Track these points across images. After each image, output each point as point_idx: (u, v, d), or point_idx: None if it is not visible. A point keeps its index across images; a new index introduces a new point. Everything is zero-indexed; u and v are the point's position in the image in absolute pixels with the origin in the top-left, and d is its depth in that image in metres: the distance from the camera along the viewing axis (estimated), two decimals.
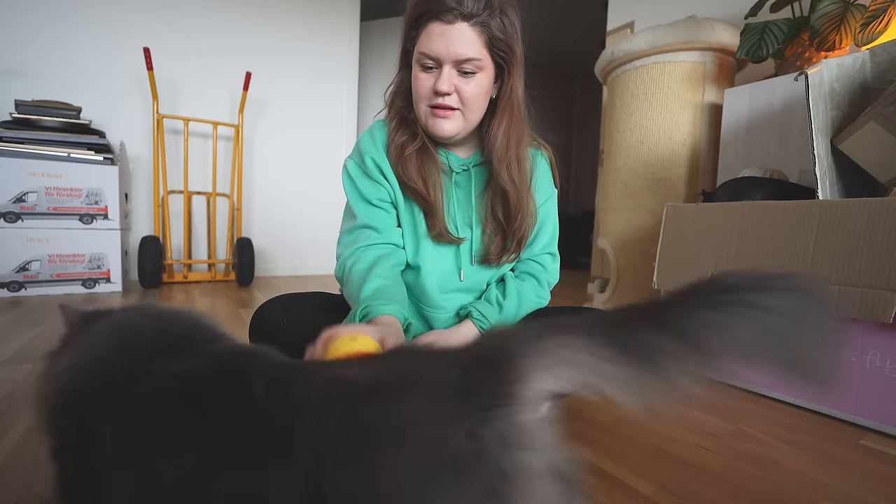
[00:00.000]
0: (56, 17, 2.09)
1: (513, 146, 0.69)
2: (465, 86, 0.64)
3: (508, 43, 0.64)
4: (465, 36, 0.61)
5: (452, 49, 0.61)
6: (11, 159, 1.74)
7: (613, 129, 1.64)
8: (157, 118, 2.15)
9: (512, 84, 0.67)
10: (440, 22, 0.61)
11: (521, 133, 0.70)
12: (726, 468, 0.65)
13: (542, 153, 0.79)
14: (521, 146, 0.70)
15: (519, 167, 0.70)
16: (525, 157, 0.71)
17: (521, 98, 0.69)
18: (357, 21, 2.92)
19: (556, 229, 0.82)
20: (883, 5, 1.02)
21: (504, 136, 0.68)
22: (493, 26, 0.62)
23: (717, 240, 1.04)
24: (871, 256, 0.79)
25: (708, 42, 1.43)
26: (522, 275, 0.80)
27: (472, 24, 0.61)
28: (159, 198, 2.22)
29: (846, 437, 0.78)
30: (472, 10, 0.60)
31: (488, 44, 0.63)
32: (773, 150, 1.30)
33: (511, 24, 0.64)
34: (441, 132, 0.68)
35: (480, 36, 0.62)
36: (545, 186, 0.78)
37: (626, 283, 1.59)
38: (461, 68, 0.63)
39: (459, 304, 0.77)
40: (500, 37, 0.63)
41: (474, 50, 0.62)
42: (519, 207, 0.71)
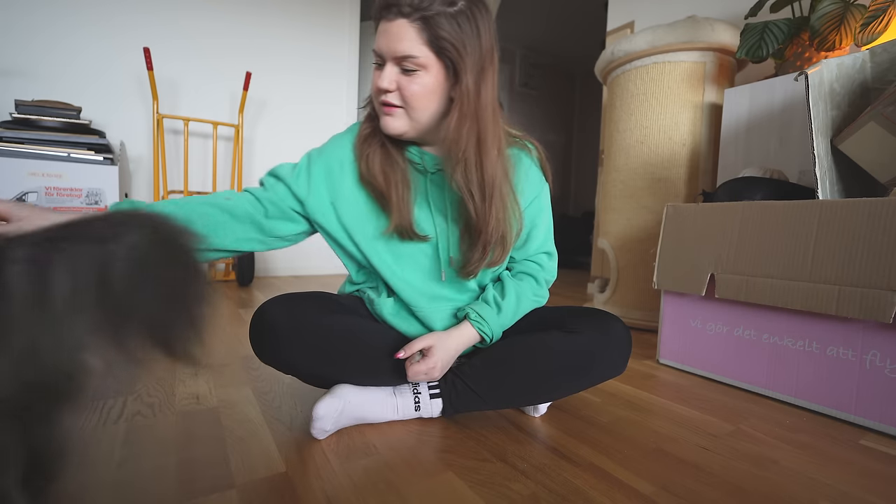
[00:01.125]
0: (56, 18, 2.09)
1: (468, 148, 0.65)
2: (407, 84, 0.63)
3: (457, 42, 0.61)
4: (403, 33, 0.61)
5: (391, 46, 0.62)
6: (11, 159, 1.74)
7: (613, 129, 1.64)
8: (157, 118, 2.15)
9: (465, 84, 0.63)
10: (384, 20, 0.62)
11: (483, 135, 0.66)
12: (726, 468, 0.65)
13: (527, 152, 0.77)
14: (484, 148, 0.66)
15: (479, 170, 0.66)
16: (491, 159, 0.67)
17: (485, 99, 0.65)
18: (357, 21, 2.92)
19: (549, 227, 0.81)
20: (883, 5, 1.02)
21: (455, 137, 0.65)
22: (439, 24, 0.60)
23: (717, 240, 1.04)
24: (871, 256, 0.79)
25: (708, 42, 1.43)
26: (519, 274, 0.80)
27: (411, 20, 0.60)
28: (159, 198, 2.21)
29: (846, 437, 0.78)
30: (411, 6, 0.59)
31: (431, 42, 0.61)
32: (773, 150, 1.30)
33: (469, 23, 0.62)
34: (387, 129, 0.68)
35: (421, 33, 0.61)
36: (531, 186, 0.77)
37: (626, 283, 1.59)
38: (402, 66, 0.63)
39: (451, 306, 0.77)
40: (444, 35, 0.60)
41: (413, 48, 0.61)
42: (479, 213, 0.68)
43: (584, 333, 0.72)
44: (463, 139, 0.65)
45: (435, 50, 0.62)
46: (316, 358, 0.69)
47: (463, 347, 0.74)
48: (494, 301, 0.75)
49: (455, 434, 0.73)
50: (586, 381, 0.74)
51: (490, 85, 0.66)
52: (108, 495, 0.54)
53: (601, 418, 0.81)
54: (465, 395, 0.74)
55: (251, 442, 0.68)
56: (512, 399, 0.75)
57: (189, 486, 0.56)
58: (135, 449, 0.65)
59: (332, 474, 0.60)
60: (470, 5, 0.62)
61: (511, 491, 0.58)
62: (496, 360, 0.73)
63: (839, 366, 0.85)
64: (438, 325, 0.76)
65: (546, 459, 0.66)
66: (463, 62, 0.62)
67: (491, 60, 0.65)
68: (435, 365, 0.70)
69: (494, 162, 0.67)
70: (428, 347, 0.71)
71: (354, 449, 0.67)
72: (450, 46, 0.61)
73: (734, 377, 1.02)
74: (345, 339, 0.70)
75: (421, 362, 0.70)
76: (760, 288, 0.95)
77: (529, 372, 0.72)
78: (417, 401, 0.75)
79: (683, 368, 1.13)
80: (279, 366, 0.70)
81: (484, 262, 0.72)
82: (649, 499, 0.57)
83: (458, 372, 0.75)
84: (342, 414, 0.70)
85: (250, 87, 2.51)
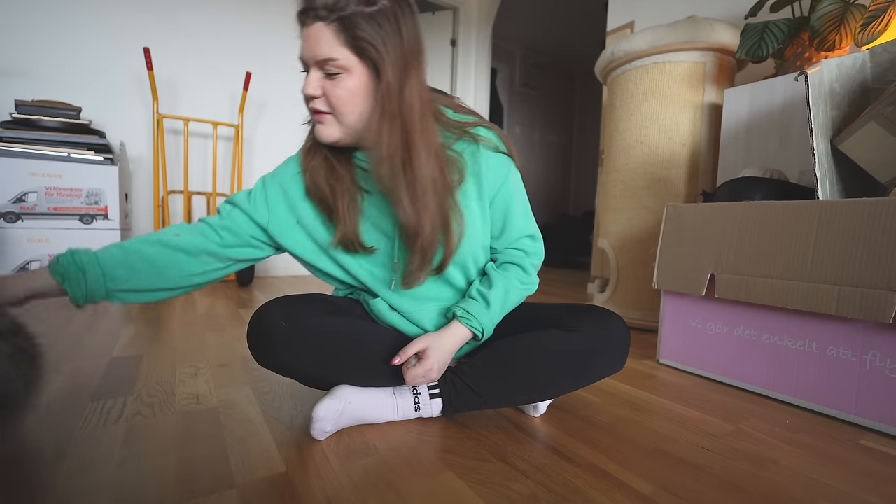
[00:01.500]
0: (56, 17, 2.09)
1: (393, 149, 0.63)
2: (332, 89, 0.62)
3: (376, 42, 0.59)
4: (320, 36, 0.60)
5: (311, 50, 0.61)
6: (11, 159, 1.74)
7: (613, 129, 1.65)
8: (157, 118, 2.15)
9: (387, 84, 0.61)
10: (303, 26, 0.61)
11: (410, 136, 0.63)
12: (726, 468, 0.65)
13: (482, 141, 0.72)
14: (412, 149, 0.63)
15: (406, 171, 0.64)
16: (420, 160, 0.64)
17: (410, 98, 0.62)
18: None
19: (526, 209, 0.78)
20: (883, 5, 1.02)
21: (377, 139, 0.63)
22: (357, 24, 0.58)
23: (717, 240, 1.04)
24: (871, 256, 0.79)
25: (708, 42, 1.43)
26: (504, 265, 0.79)
27: (328, 23, 0.59)
28: (159, 198, 2.21)
29: (846, 437, 0.78)
30: (325, 6, 0.58)
31: (350, 43, 0.59)
32: (773, 150, 1.30)
33: (389, 21, 0.60)
34: (321, 137, 0.67)
35: (339, 35, 0.59)
36: (494, 173, 0.72)
37: (626, 283, 1.59)
38: (325, 70, 0.61)
39: (437, 306, 0.77)
40: (363, 35, 0.59)
41: (332, 50, 0.60)
42: (409, 218, 0.65)
43: (583, 331, 0.71)
44: (386, 140, 0.62)
45: (355, 51, 0.60)
46: (314, 361, 0.68)
47: (457, 346, 0.73)
48: (480, 295, 0.74)
49: (455, 434, 0.73)
50: (586, 379, 0.74)
51: (415, 83, 0.63)
52: (108, 495, 0.54)
53: (601, 418, 0.81)
54: (465, 395, 0.74)
55: (251, 442, 0.68)
56: (512, 398, 0.75)
57: (189, 486, 0.56)
58: (135, 449, 0.65)
59: (332, 474, 0.60)
60: (391, 4, 0.60)
61: (511, 491, 0.58)
62: (496, 359, 0.73)
63: (839, 366, 0.85)
64: (429, 326, 0.76)
65: (546, 459, 0.66)
66: (384, 61, 0.60)
67: (415, 58, 0.63)
68: (431, 367, 0.70)
69: (424, 162, 0.64)
70: (423, 350, 0.70)
71: (354, 449, 0.67)
72: (369, 46, 0.59)
73: (734, 377, 1.02)
74: (343, 341, 0.69)
75: (417, 366, 0.69)
76: (760, 288, 0.95)
77: (529, 370, 0.72)
78: (417, 401, 0.75)
79: (683, 368, 1.13)
80: (278, 370, 0.69)
81: (426, 269, 0.70)
82: (649, 499, 0.57)
83: (457, 371, 0.75)
84: (342, 415, 0.70)
85: (250, 86, 2.51)
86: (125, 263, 0.64)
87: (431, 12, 3.37)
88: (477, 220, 0.73)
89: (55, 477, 0.57)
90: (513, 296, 0.76)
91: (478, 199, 0.73)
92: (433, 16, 3.37)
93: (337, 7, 0.58)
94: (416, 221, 0.65)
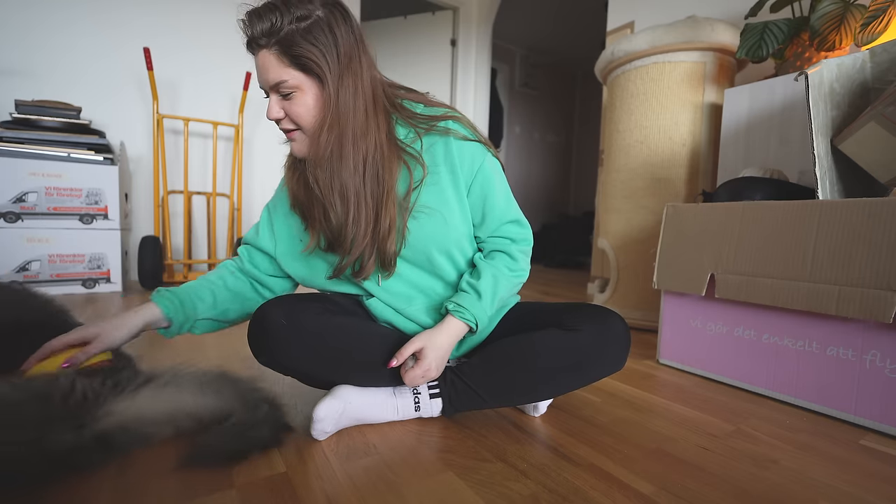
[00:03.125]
0: (56, 17, 2.09)
1: (330, 154, 0.65)
2: (291, 107, 0.66)
3: (314, 55, 0.62)
4: (266, 62, 0.63)
5: (264, 77, 0.65)
6: (11, 159, 1.74)
7: (613, 129, 1.65)
8: (157, 118, 2.15)
9: (328, 92, 0.64)
10: (254, 56, 0.65)
11: (343, 140, 0.65)
12: (726, 468, 0.65)
13: (450, 136, 0.71)
14: (343, 153, 0.65)
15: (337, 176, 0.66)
16: (349, 166, 0.66)
17: (345, 104, 0.65)
18: (357, 21, 2.92)
19: (506, 194, 0.76)
20: (883, 5, 1.02)
21: (315, 145, 0.66)
22: (294, 43, 0.61)
23: (717, 240, 1.04)
24: (871, 256, 0.79)
25: (708, 42, 1.43)
26: (491, 253, 0.78)
27: (269, 49, 0.62)
28: (159, 198, 2.21)
29: (846, 437, 0.78)
30: (262, 34, 0.62)
31: (293, 62, 0.63)
32: (773, 150, 1.30)
33: (324, 32, 0.63)
34: (295, 154, 0.72)
35: (281, 58, 0.63)
36: (466, 163, 0.72)
37: (626, 283, 1.59)
38: (280, 92, 0.65)
39: (426, 302, 0.77)
40: (301, 52, 0.62)
41: (280, 73, 0.63)
42: (338, 221, 0.68)
43: (582, 331, 0.71)
44: (323, 146, 0.65)
45: (300, 69, 0.63)
46: (315, 360, 0.68)
47: (454, 341, 0.72)
48: (470, 286, 0.73)
49: (455, 434, 0.73)
50: (586, 378, 0.74)
51: (351, 89, 0.65)
52: (108, 495, 0.54)
53: (601, 418, 0.81)
54: (465, 394, 0.74)
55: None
56: (512, 397, 0.75)
57: (189, 486, 0.56)
58: (135, 448, 0.65)
59: (332, 474, 0.60)
60: (324, 12, 0.63)
61: (511, 491, 0.58)
62: (495, 359, 0.73)
63: (839, 366, 0.85)
64: (426, 321, 0.76)
65: (546, 459, 0.66)
66: (324, 72, 0.63)
67: (349, 64, 0.65)
68: (429, 367, 0.69)
69: (353, 169, 0.66)
70: (419, 350, 0.70)
71: (354, 449, 0.67)
72: (309, 61, 0.63)
73: (734, 377, 1.02)
74: (343, 340, 0.70)
75: (415, 367, 0.69)
76: (760, 288, 0.95)
77: (529, 370, 0.72)
78: (417, 401, 0.75)
79: (683, 368, 1.13)
80: (278, 368, 0.69)
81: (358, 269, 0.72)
82: (649, 499, 0.57)
83: (457, 371, 0.75)
84: (343, 415, 0.70)
85: (250, 86, 2.51)
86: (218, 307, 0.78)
87: (431, 12, 3.37)
88: (455, 210, 0.72)
89: (55, 477, 0.57)
90: (503, 284, 0.74)
91: (454, 189, 0.72)
92: (433, 16, 3.37)
93: (273, 31, 0.61)
94: (344, 225, 0.68)
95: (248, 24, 0.62)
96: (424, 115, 0.73)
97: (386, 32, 3.41)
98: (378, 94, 0.69)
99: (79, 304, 1.66)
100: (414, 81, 3.50)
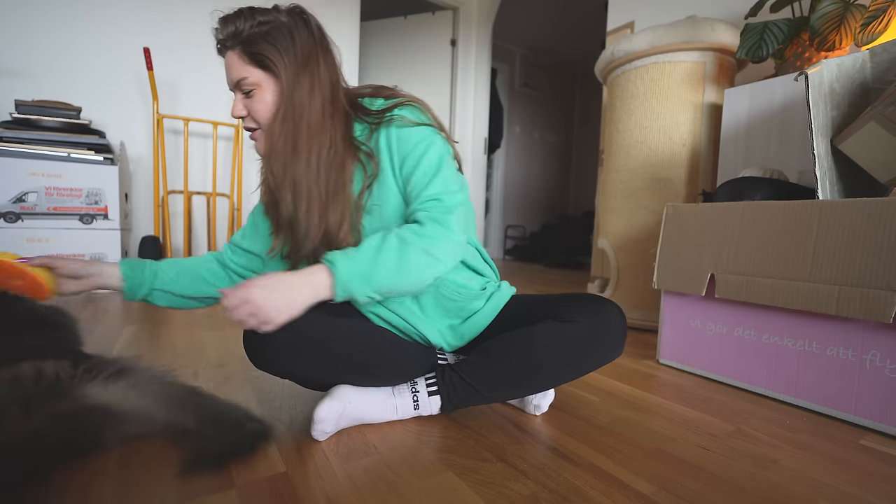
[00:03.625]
0: (56, 17, 2.09)
1: (283, 149, 0.68)
2: (252, 105, 0.70)
3: (273, 55, 0.67)
4: (231, 63, 0.68)
5: (229, 77, 0.70)
6: (11, 159, 1.74)
7: (613, 129, 1.65)
8: (157, 118, 2.15)
9: (283, 90, 0.68)
10: (223, 59, 0.70)
11: (296, 137, 0.68)
12: (726, 468, 0.65)
13: (393, 125, 0.70)
14: (295, 150, 0.68)
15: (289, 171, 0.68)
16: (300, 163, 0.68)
17: (299, 102, 0.68)
18: (357, 21, 2.92)
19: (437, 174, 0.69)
20: (883, 5, 1.02)
21: (269, 141, 0.69)
22: (254, 43, 0.66)
23: (717, 240, 1.04)
24: (871, 256, 0.79)
25: (708, 42, 1.43)
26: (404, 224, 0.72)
27: (233, 50, 0.68)
28: (159, 198, 2.22)
29: (846, 437, 0.78)
30: (228, 37, 0.67)
31: (253, 61, 0.67)
32: (773, 150, 1.30)
33: (283, 34, 0.67)
34: (258, 153, 0.74)
35: (243, 57, 0.67)
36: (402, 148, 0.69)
37: (626, 283, 1.59)
38: (242, 90, 0.69)
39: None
40: (261, 51, 0.66)
41: (241, 71, 0.68)
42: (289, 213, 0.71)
43: (578, 322, 0.71)
44: (276, 137, 0.68)
45: (259, 66, 0.68)
46: (311, 363, 0.68)
47: (306, 286, 0.62)
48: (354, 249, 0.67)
49: (455, 434, 0.73)
50: (584, 369, 0.74)
51: (307, 86, 0.68)
52: (108, 495, 0.54)
53: (601, 418, 0.81)
54: (464, 391, 0.74)
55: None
56: (510, 391, 0.74)
57: (189, 486, 0.56)
58: (135, 449, 0.65)
59: (332, 474, 0.60)
60: (286, 18, 0.68)
61: (511, 491, 0.58)
62: (493, 355, 0.73)
63: (839, 366, 0.85)
64: (410, 316, 0.76)
65: (546, 459, 0.66)
66: (280, 71, 0.67)
67: (306, 64, 0.68)
68: (252, 289, 0.58)
69: (305, 164, 0.68)
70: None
71: (354, 449, 0.67)
72: (267, 60, 0.67)
73: (734, 377, 1.02)
74: (338, 342, 0.69)
75: (236, 287, 0.59)
76: (760, 288, 0.95)
77: (526, 364, 0.71)
78: (416, 399, 0.75)
79: (683, 368, 1.13)
80: (275, 373, 0.69)
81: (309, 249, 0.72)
82: (649, 499, 0.57)
83: (455, 368, 0.75)
84: (342, 415, 0.70)
85: None
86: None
87: (431, 12, 3.37)
88: (398, 194, 0.71)
89: (55, 477, 0.57)
90: (392, 244, 0.64)
91: (392, 174, 0.71)
92: (433, 16, 3.37)
93: (236, 34, 0.67)
94: (295, 218, 0.70)
95: (218, 30, 0.68)
96: (379, 110, 0.73)
97: (386, 32, 3.41)
98: (337, 96, 0.72)
99: (79, 304, 1.66)
100: (414, 81, 3.51)
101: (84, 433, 0.60)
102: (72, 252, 1.86)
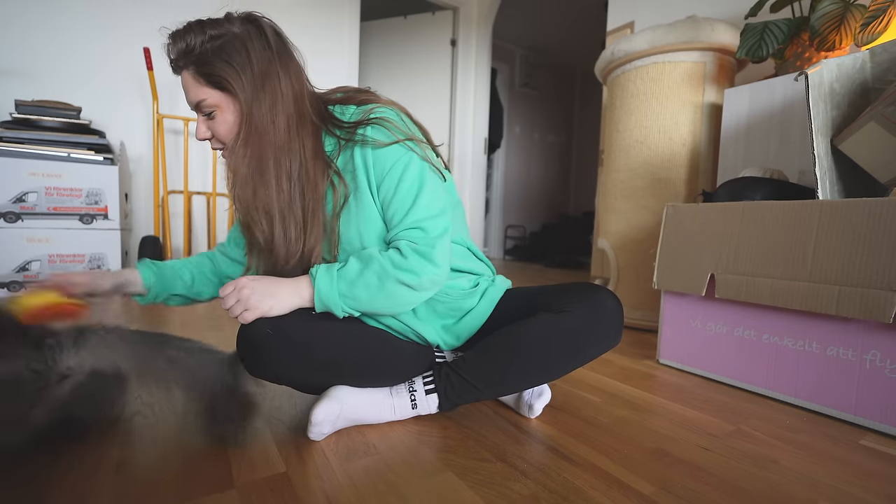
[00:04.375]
0: (56, 17, 2.09)
1: (249, 171, 0.65)
2: (214, 126, 0.67)
3: (227, 73, 0.63)
4: (187, 84, 0.65)
5: (187, 98, 0.67)
6: (11, 159, 1.73)
7: (613, 129, 1.65)
8: (157, 118, 2.15)
9: (241, 109, 0.65)
10: (180, 78, 0.66)
11: (262, 157, 0.65)
12: (726, 468, 0.65)
13: (368, 147, 0.68)
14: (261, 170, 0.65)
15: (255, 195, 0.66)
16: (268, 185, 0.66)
17: (260, 120, 0.65)
18: (357, 21, 2.92)
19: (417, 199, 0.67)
20: (883, 5, 1.02)
21: (241, 160, 0.66)
22: (207, 62, 0.63)
23: (717, 240, 1.04)
24: (871, 256, 0.79)
25: (708, 42, 1.43)
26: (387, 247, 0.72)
27: (187, 70, 0.64)
28: (159, 198, 2.22)
29: (846, 437, 0.78)
30: (180, 56, 0.64)
31: (209, 81, 0.64)
32: (773, 150, 1.30)
33: (236, 50, 0.63)
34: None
35: (198, 78, 0.64)
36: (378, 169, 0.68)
37: (626, 283, 1.59)
38: (203, 111, 0.66)
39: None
40: (215, 71, 0.63)
41: (199, 93, 0.65)
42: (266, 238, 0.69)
43: (573, 312, 0.70)
44: (239, 160, 0.65)
45: (216, 87, 0.64)
46: (305, 368, 0.67)
47: (293, 291, 0.66)
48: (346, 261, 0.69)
49: (455, 434, 0.73)
50: (582, 359, 0.73)
51: (268, 104, 0.65)
52: (108, 496, 0.54)
53: (601, 418, 0.81)
54: (461, 387, 0.73)
55: (251, 442, 0.68)
56: (508, 385, 0.74)
57: (189, 486, 0.56)
58: (135, 449, 0.65)
59: (332, 474, 0.60)
60: (239, 29, 0.64)
61: (511, 491, 0.58)
62: (489, 350, 0.73)
63: (839, 366, 0.85)
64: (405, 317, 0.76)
65: (546, 459, 0.66)
66: (238, 90, 0.64)
67: (265, 81, 0.64)
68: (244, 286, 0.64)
69: (276, 186, 0.66)
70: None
71: (354, 449, 0.67)
72: (224, 81, 0.63)
73: (734, 377, 1.02)
74: (333, 345, 0.69)
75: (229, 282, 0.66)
76: (760, 288, 0.95)
77: (523, 358, 0.71)
78: (413, 398, 0.75)
79: (683, 368, 1.13)
80: (270, 379, 0.68)
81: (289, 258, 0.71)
82: (649, 499, 0.57)
83: (452, 366, 0.75)
84: (339, 417, 0.69)
85: None
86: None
87: (431, 12, 3.37)
88: (376, 211, 0.69)
89: (55, 477, 0.57)
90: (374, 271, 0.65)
91: (369, 189, 0.69)
92: (433, 16, 3.37)
93: (187, 52, 0.63)
94: (272, 242, 0.68)
95: (168, 47, 0.64)
96: (348, 123, 0.70)
97: (386, 32, 3.41)
98: (303, 109, 0.68)
99: None
100: (414, 81, 3.51)
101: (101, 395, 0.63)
102: (71, 252, 1.86)
